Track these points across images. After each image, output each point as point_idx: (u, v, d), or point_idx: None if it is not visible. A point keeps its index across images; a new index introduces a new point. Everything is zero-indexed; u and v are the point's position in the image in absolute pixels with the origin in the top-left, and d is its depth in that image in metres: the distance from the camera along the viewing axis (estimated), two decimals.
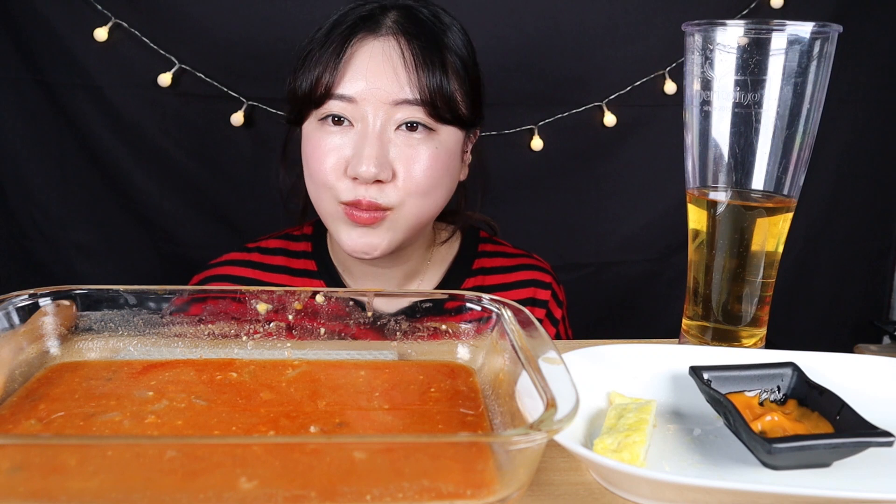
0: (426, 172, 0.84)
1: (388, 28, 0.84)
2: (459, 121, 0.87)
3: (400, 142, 0.83)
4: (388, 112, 0.82)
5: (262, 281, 0.96)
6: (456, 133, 0.87)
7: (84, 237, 1.34)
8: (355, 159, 0.82)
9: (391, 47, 0.83)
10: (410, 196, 0.84)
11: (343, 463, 0.41)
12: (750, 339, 0.66)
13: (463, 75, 0.87)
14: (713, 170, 0.64)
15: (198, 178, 1.33)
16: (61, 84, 1.26)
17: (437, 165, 0.85)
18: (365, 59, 0.83)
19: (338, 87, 0.83)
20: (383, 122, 0.82)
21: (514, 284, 1.00)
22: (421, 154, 0.83)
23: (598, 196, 1.42)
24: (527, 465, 0.43)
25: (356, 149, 0.82)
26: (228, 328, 0.62)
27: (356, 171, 0.81)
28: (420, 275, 0.98)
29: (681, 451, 0.53)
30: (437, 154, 0.85)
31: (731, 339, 0.66)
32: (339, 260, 0.97)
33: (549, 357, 0.49)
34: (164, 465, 0.40)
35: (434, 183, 0.85)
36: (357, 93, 0.82)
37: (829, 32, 0.61)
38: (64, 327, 0.59)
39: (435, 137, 0.85)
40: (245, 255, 0.98)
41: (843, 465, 0.51)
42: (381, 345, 0.63)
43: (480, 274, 0.99)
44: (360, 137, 0.82)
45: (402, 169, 0.83)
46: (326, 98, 0.83)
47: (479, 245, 1.02)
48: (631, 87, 1.34)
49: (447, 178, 0.87)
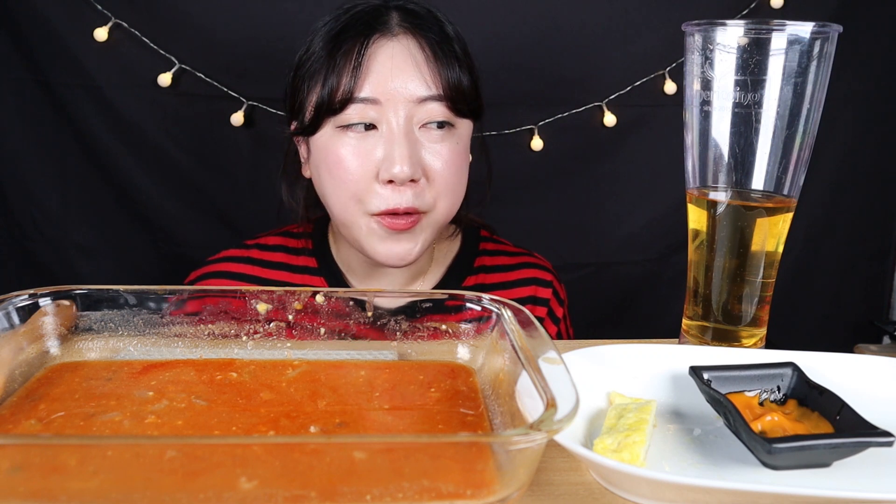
0: (452, 169, 0.84)
1: (399, 27, 0.84)
2: (473, 112, 0.87)
3: (424, 140, 0.83)
4: (412, 110, 0.82)
5: (262, 277, 0.95)
6: (469, 126, 0.88)
7: (84, 237, 1.34)
8: (387, 161, 0.80)
9: (409, 45, 0.83)
10: (441, 195, 0.84)
11: (343, 463, 0.41)
12: (750, 339, 0.66)
13: (469, 66, 0.87)
14: (713, 170, 0.64)
15: (198, 178, 1.33)
16: (61, 84, 1.26)
17: (459, 160, 0.85)
18: (386, 60, 0.82)
19: (360, 91, 0.81)
20: (408, 121, 0.82)
21: (515, 283, 1.00)
22: (445, 151, 0.83)
23: (598, 196, 1.42)
24: (527, 465, 0.43)
25: (386, 151, 0.81)
26: (228, 328, 0.62)
27: (390, 172, 0.80)
28: (424, 274, 0.97)
29: (681, 451, 0.53)
30: (458, 149, 0.85)
31: (731, 339, 0.66)
32: (341, 258, 0.96)
33: (549, 357, 0.49)
34: (164, 465, 0.40)
35: (459, 178, 0.86)
36: (381, 94, 0.81)
37: (829, 32, 0.61)
38: (64, 327, 0.59)
39: (454, 132, 0.85)
40: (244, 251, 0.98)
41: (843, 465, 0.51)
42: (381, 345, 0.63)
43: (482, 272, 0.99)
44: (388, 139, 0.81)
45: (431, 168, 0.83)
46: (348, 103, 0.81)
47: (479, 243, 1.01)
48: (631, 87, 1.34)
49: (466, 171, 0.88)
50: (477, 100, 0.88)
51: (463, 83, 0.84)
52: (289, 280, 0.96)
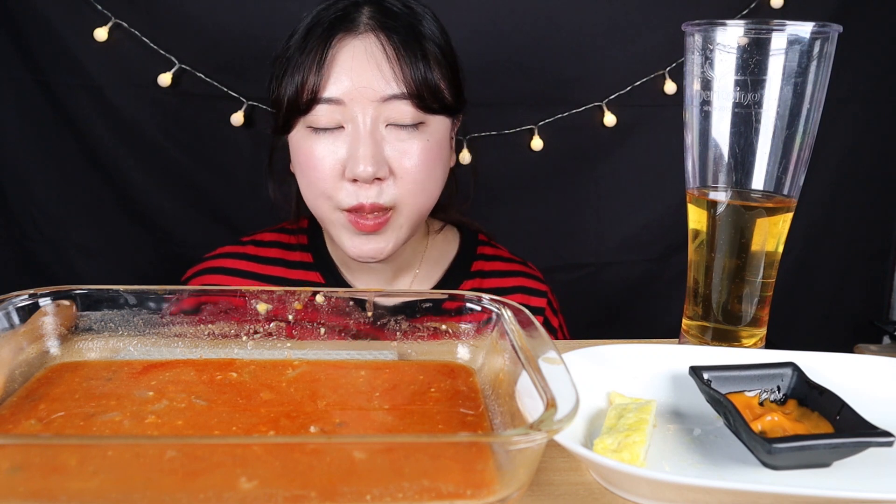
0: (420, 166, 0.84)
1: (366, 25, 0.84)
2: (446, 109, 0.87)
3: (392, 138, 0.83)
4: (377, 109, 0.82)
5: (258, 273, 0.96)
6: (444, 122, 0.88)
7: (84, 237, 1.34)
8: (351, 161, 0.82)
9: (372, 44, 0.83)
10: (408, 192, 0.84)
11: (343, 463, 0.41)
12: (750, 339, 0.66)
13: (443, 63, 0.87)
14: (713, 170, 0.64)
15: (198, 178, 1.33)
16: (61, 84, 1.26)
17: (430, 157, 0.85)
18: (348, 59, 0.82)
19: (324, 91, 0.82)
20: (373, 120, 0.82)
21: (510, 290, 1.00)
22: (413, 148, 0.84)
23: (598, 196, 1.42)
24: (527, 465, 0.43)
25: (350, 150, 0.82)
26: (228, 328, 0.62)
27: (354, 172, 0.81)
28: (415, 267, 0.98)
29: (681, 451, 0.53)
30: (429, 146, 0.85)
31: (731, 339, 0.66)
32: (336, 253, 0.97)
33: (549, 357, 0.49)
34: (165, 465, 0.40)
35: (428, 175, 0.86)
36: (344, 93, 0.82)
37: (829, 32, 0.61)
38: (64, 327, 0.59)
39: (425, 130, 0.85)
40: (240, 248, 0.99)
41: (843, 465, 0.51)
42: (381, 345, 0.63)
43: (478, 276, 0.99)
44: (353, 138, 0.82)
45: (398, 166, 0.83)
46: (313, 103, 0.83)
47: (478, 247, 1.02)
48: (631, 87, 1.34)
49: (440, 168, 0.88)
50: (452, 97, 0.88)
51: (431, 80, 0.84)
52: (285, 275, 0.97)
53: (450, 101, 0.87)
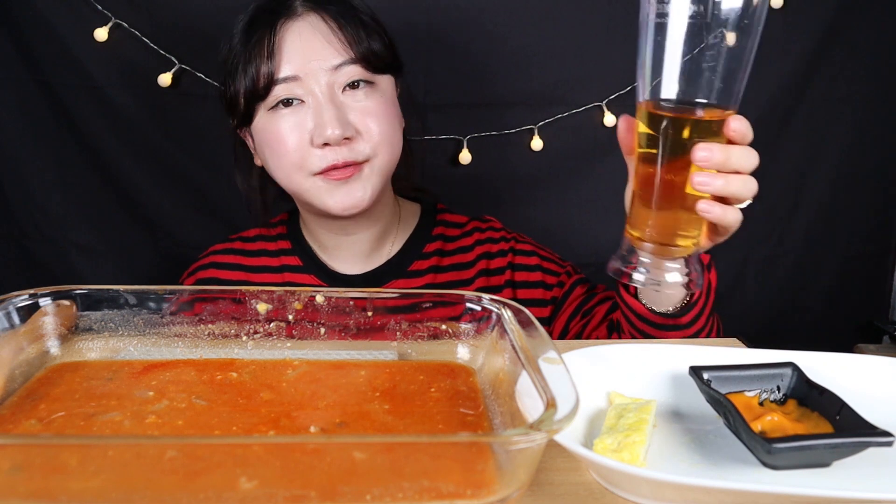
0: (382, 120, 0.91)
1: (303, 6, 0.91)
2: (390, 67, 0.95)
3: (350, 101, 0.90)
4: (332, 77, 0.89)
5: (245, 265, 1.04)
6: (390, 80, 0.96)
7: (84, 237, 1.34)
8: (318, 129, 0.87)
9: (314, 21, 0.90)
10: (377, 144, 0.90)
11: (343, 463, 0.41)
12: (686, 240, 0.65)
13: (377, 29, 0.94)
14: (664, 82, 0.63)
15: (198, 178, 1.33)
16: (61, 84, 1.26)
17: (388, 112, 0.93)
18: (295, 39, 0.89)
19: (279, 73, 0.88)
20: (330, 88, 0.89)
21: (471, 247, 1.04)
22: (372, 105, 0.91)
23: (598, 196, 1.41)
24: (527, 465, 0.43)
25: (316, 119, 0.88)
26: (228, 328, 0.62)
27: (323, 136, 0.87)
28: (391, 236, 1.03)
29: (681, 451, 0.53)
30: (384, 101, 0.93)
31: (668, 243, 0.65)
32: (312, 237, 1.03)
33: (549, 357, 0.49)
34: (165, 465, 0.40)
35: (391, 128, 0.93)
36: (298, 69, 0.88)
37: None
38: (64, 327, 0.59)
39: (376, 89, 0.92)
40: (228, 244, 1.06)
41: (843, 465, 0.51)
42: (381, 345, 0.63)
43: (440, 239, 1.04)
44: (316, 108, 0.88)
45: (362, 125, 0.90)
46: (271, 86, 0.89)
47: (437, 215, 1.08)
48: (631, 87, 1.34)
49: (396, 123, 0.95)
50: (391, 56, 0.95)
51: (372, 44, 0.91)
52: (268, 263, 1.04)
53: (391, 60, 0.95)
